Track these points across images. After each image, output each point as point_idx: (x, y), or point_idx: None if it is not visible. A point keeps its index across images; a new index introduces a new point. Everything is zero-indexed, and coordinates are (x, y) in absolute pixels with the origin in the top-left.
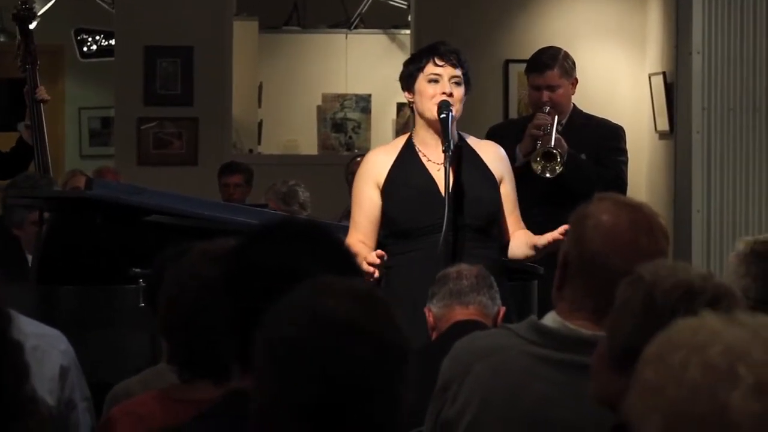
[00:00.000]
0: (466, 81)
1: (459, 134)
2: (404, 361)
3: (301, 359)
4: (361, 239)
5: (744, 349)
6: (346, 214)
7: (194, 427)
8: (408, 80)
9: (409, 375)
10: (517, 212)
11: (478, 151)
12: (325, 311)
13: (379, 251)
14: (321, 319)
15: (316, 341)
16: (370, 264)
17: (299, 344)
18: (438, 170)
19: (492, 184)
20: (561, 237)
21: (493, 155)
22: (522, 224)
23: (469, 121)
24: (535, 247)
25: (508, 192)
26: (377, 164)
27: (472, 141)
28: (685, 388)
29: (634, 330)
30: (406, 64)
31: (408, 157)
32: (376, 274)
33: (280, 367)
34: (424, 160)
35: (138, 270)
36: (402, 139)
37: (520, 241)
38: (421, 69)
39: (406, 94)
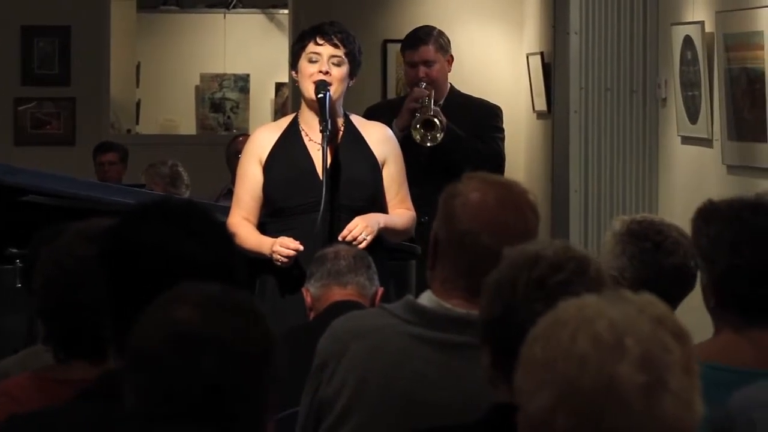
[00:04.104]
0: (351, 60)
1: (346, 114)
2: (261, 362)
3: (151, 369)
4: (244, 216)
5: (630, 323)
6: (226, 194)
7: (70, 408)
8: (293, 60)
9: (276, 369)
10: (403, 194)
11: (363, 132)
12: (174, 322)
13: (297, 244)
14: (170, 331)
15: (165, 352)
16: (283, 247)
17: (150, 355)
18: (318, 150)
19: (372, 165)
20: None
21: (377, 137)
22: (408, 205)
23: (348, 101)
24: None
25: (392, 174)
26: (261, 141)
27: (358, 122)
28: (574, 361)
29: (490, 308)
30: (293, 44)
31: (291, 136)
32: (283, 260)
33: (136, 375)
34: (305, 139)
35: (15, 250)
36: (289, 118)
37: None
38: (303, 48)
39: (293, 73)
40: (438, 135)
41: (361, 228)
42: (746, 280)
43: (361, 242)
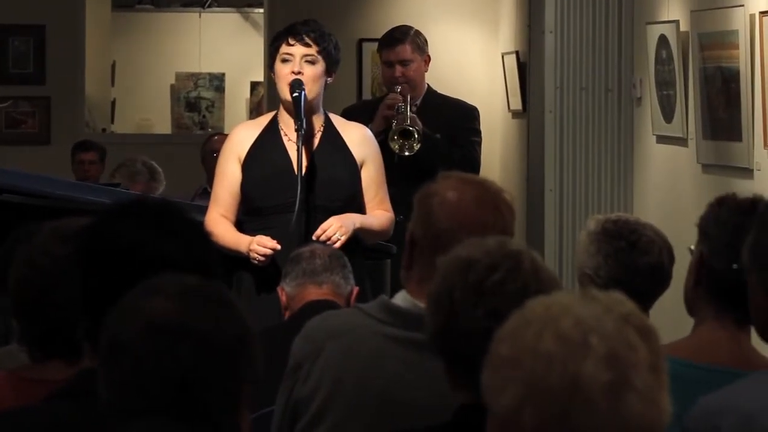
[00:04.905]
0: (326, 58)
1: (325, 114)
2: (238, 355)
3: (126, 362)
4: (222, 213)
5: (596, 321)
6: (201, 193)
7: (46, 407)
8: (270, 61)
9: (253, 363)
10: (382, 195)
11: (342, 133)
12: (150, 313)
13: (275, 243)
14: (145, 322)
15: (141, 344)
16: (260, 246)
17: (125, 347)
18: (295, 149)
19: (350, 166)
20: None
21: (356, 138)
22: (386, 206)
23: (323, 101)
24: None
25: (370, 175)
26: (240, 139)
27: (338, 122)
28: (539, 359)
29: (434, 320)
30: (269, 45)
31: (270, 134)
32: (260, 258)
33: (111, 369)
34: (284, 138)
35: None
36: (269, 116)
37: None
38: (277, 49)
39: (272, 74)
40: (415, 145)
41: (335, 228)
42: (732, 264)
43: (335, 242)
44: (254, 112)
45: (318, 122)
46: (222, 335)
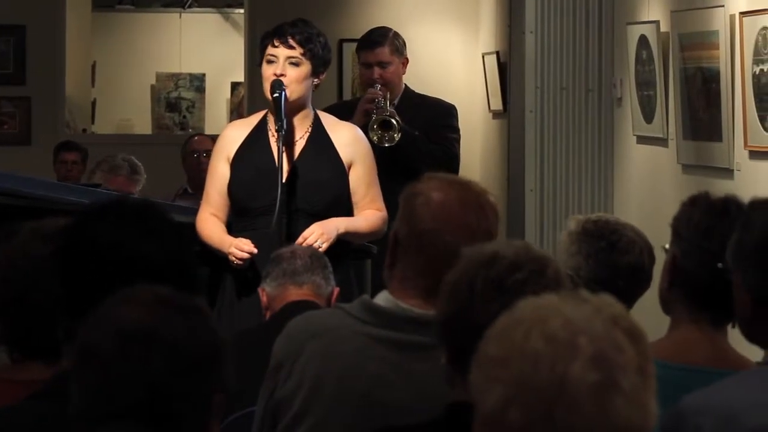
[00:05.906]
0: (311, 60)
1: (316, 115)
2: (208, 364)
3: (96, 367)
4: (213, 212)
5: (585, 322)
6: (182, 194)
7: (25, 407)
8: (260, 60)
9: (224, 373)
10: (373, 194)
11: (330, 134)
12: (121, 321)
13: (252, 247)
14: (116, 329)
15: (111, 350)
16: (238, 249)
17: (96, 353)
18: (282, 150)
19: (336, 168)
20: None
21: (346, 138)
22: (378, 205)
23: None
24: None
25: (359, 175)
26: (231, 138)
27: (328, 122)
28: (527, 359)
29: (447, 309)
30: (259, 44)
31: (258, 134)
32: (238, 261)
33: (82, 374)
34: (272, 139)
35: None
36: (260, 115)
37: None
38: (264, 49)
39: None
40: (395, 135)
41: (316, 235)
42: (705, 265)
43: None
44: (234, 112)
45: (305, 123)
46: (193, 345)
